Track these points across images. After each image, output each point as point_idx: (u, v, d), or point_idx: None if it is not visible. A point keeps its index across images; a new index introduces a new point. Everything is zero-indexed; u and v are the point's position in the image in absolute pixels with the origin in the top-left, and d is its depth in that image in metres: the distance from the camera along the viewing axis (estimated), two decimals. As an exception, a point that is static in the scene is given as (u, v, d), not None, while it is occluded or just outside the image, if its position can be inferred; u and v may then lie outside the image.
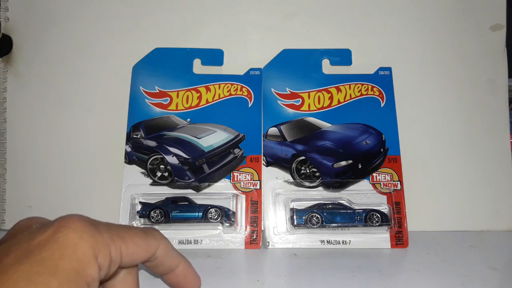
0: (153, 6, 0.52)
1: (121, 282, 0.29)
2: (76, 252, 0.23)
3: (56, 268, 0.22)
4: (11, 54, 0.51)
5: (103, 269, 0.24)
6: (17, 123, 0.50)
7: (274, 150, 0.46)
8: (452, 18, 0.53)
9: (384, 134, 0.47)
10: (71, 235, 0.23)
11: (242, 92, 0.48)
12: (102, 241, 0.24)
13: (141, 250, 0.27)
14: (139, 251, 0.27)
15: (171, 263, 0.30)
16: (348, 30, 0.52)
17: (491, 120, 0.51)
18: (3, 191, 0.49)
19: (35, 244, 0.23)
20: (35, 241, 0.23)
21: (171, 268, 0.30)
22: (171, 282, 0.31)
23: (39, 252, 0.23)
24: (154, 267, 0.29)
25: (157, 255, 0.28)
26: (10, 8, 0.51)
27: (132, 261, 0.27)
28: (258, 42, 0.52)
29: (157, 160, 0.45)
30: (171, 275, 0.30)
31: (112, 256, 0.25)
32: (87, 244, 0.23)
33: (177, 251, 0.30)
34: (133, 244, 0.26)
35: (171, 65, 0.49)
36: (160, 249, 0.28)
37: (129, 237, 0.26)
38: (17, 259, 0.22)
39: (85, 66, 0.51)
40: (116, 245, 0.25)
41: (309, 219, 0.42)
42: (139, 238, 0.27)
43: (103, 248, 0.24)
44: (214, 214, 0.42)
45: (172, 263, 0.30)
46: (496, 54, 0.52)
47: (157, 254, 0.28)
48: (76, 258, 0.23)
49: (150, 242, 0.27)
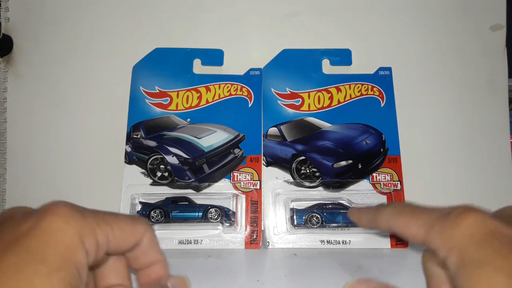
0: (153, 6, 0.52)
1: (111, 269, 0.28)
2: (62, 238, 0.23)
3: (44, 255, 0.22)
4: (12, 54, 0.51)
5: (90, 255, 0.24)
6: (17, 123, 0.50)
7: (274, 150, 0.46)
8: (452, 18, 0.53)
9: (384, 134, 0.47)
10: (56, 221, 0.23)
11: (242, 92, 0.48)
12: (87, 225, 0.24)
13: (128, 235, 0.27)
14: (126, 236, 0.26)
15: (154, 256, 0.29)
16: (348, 30, 0.52)
17: (491, 120, 0.51)
18: (3, 191, 0.49)
19: (20, 232, 0.23)
20: (19, 229, 0.23)
21: (152, 262, 0.29)
22: (145, 281, 0.30)
23: (25, 240, 0.22)
24: (136, 258, 0.29)
25: (143, 243, 0.28)
26: (10, 8, 0.51)
27: (119, 246, 0.26)
28: (258, 42, 0.52)
29: (157, 160, 0.45)
30: (148, 271, 0.29)
31: (99, 240, 0.24)
32: (73, 230, 0.23)
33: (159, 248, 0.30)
34: (119, 229, 0.26)
35: (171, 65, 0.49)
36: (146, 237, 0.28)
37: (115, 222, 0.26)
38: (3, 249, 0.22)
39: (85, 66, 0.51)
40: (102, 229, 0.25)
41: (309, 219, 0.42)
42: (125, 223, 0.27)
43: (89, 232, 0.24)
44: (214, 214, 0.42)
45: (154, 256, 0.29)
46: (496, 54, 0.52)
47: (143, 242, 0.28)
48: (63, 244, 0.23)
49: (137, 228, 0.27)
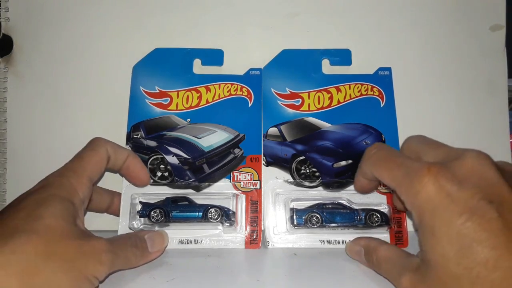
0: (153, 6, 0.52)
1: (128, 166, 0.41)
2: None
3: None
4: (12, 54, 0.51)
5: (86, 197, 0.36)
6: (17, 123, 0.50)
7: (274, 150, 0.46)
8: (452, 18, 0.53)
9: (384, 134, 0.47)
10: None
11: (242, 92, 0.48)
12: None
13: (97, 161, 0.37)
14: (96, 163, 0.37)
15: (121, 156, 0.40)
16: (348, 30, 0.52)
17: (491, 120, 0.51)
18: (3, 191, 0.49)
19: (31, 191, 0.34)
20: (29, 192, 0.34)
21: (123, 159, 0.40)
22: (126, 172, 0.41)
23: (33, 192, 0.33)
24: (113, 166, 0.40)
25: (109, 153, 0.38)
26: (10, 8, 0.51)
27: (100, 171, 0.38)
28: (258, 42, 0.52)
29: (157, 160, 0.45)
30: (124, 166, 0.40)
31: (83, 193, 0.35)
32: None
33: (123, 147, 0.41)
34: (91, 165, 0.36)
35: (171, 65, 0.49)
36: (109, 147, 0.39)
37: (86, 162, 0.37)
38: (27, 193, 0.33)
39: (86, 66, 0.51)
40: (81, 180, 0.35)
41: (309, 218, 0.42)
42: (89, 156, 0.37)
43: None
44: (214, 214, 0.42)
45: (121, 156, 0.40)
46: (496, 55, 0.52)
47: (109, 152, 0.38)
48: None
49: (99, 151, 0.38)
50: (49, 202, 0.31)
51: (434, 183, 0.27)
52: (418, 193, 0.28)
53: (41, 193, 0.32)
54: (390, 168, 0.32)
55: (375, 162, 0.34)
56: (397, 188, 0.31)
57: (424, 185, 0.28)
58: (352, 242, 0.39)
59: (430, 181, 0.28)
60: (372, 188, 0.40)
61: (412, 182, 0.29)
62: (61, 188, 0.33)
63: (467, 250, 0.25)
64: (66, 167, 0.36)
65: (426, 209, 0.28)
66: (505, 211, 0.26)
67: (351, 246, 0.39)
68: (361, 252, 0.37)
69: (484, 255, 0.25)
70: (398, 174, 0.31)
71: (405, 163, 0.31)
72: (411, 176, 0.29)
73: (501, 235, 0.25)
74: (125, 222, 0.42)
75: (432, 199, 0.27)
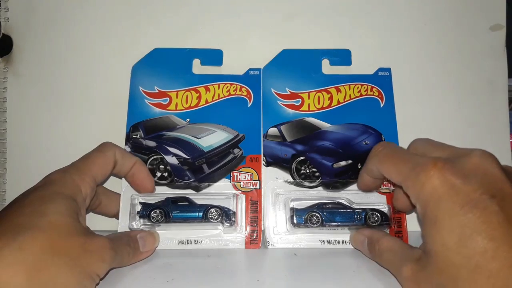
0: (152, 6, 0.52)
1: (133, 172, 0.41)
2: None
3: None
4: (11, 54, 0.51)
5: (88, 196, 0.36)
6: (17, 123, 0.50)
7: (274, 150, 0.46)
8: (452, 18, 0.53)
9: (384, 135, 0.47)
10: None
11: (242, 92, 0.48)
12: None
13: (104, 163, 0.38)
14: (102, 165, 0.38)
15: (128, 163, 0.41)
16: (348, 30, 0.52)
17: (491, 120, 0.51)
18: (3, 191, 0.49)
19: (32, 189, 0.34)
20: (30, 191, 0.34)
21: (130, 166, 0.41)
22: (132, 179, 0.42)
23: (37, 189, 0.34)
24: (119, 171, 0.40)
25: (116, 158, 0.39)
26: (10, 8, 0.51)
27: (105, 173, 0.38)
28: (258, 42, 0.52)
29: (157, 160, 0.45)
30: (130, 173, 0.41)
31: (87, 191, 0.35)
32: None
33: (132, 154, 0.43)
34: (97, 166, 0.37)
35: (170, 65, 0.49)
36: (117, 152, 0.39)
37: (91, 163, 0.37)
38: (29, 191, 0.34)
39: (85, 66, 0.51)
40: (85, 178, 0.36)
41: (309, 218, 0.42)
42: (96, 157, 0.38)
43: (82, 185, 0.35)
44: (214, 214, 0.42)
45: (128, 162, 0.41)
46: (496, 54, 0.52)
47: (116, 157, 0.39)
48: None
49: (106, 154, 0.39)
50: (53, 199, 0.31)
51: (439, 176, 0.28)
52: (423, 185, 0.29)
53: (44, 190, 0.32)
54: (397, 163, 0.33)
55: (382, 158, 0.35)
56: (403, 182, 0.31)
57: (430, 178, 0.29)
58: (356, 232, 0.40)
59: (435, 174, 0.28)
60: (375, 187, 0.41)
61: (418, 175, 0.29)
62: (64, 186, 0.33)
63: (467, 240, 0.26)
64: (71, 165, 0.37)
65: (430, 200, 0.28)
66: (506, 205, 0.27)
67: (355, 236, 0.40)
68: (365, 242, 0.38)
69: (484, 245, 0.26)
70: (404, 168, 0.31)
71: (412, 159, 0.32)
72: (418, 169, 0.30)
73: (500, 227, 0.26)
74: (124, 222, 0.42)
75: (436, 191, 0.28)
